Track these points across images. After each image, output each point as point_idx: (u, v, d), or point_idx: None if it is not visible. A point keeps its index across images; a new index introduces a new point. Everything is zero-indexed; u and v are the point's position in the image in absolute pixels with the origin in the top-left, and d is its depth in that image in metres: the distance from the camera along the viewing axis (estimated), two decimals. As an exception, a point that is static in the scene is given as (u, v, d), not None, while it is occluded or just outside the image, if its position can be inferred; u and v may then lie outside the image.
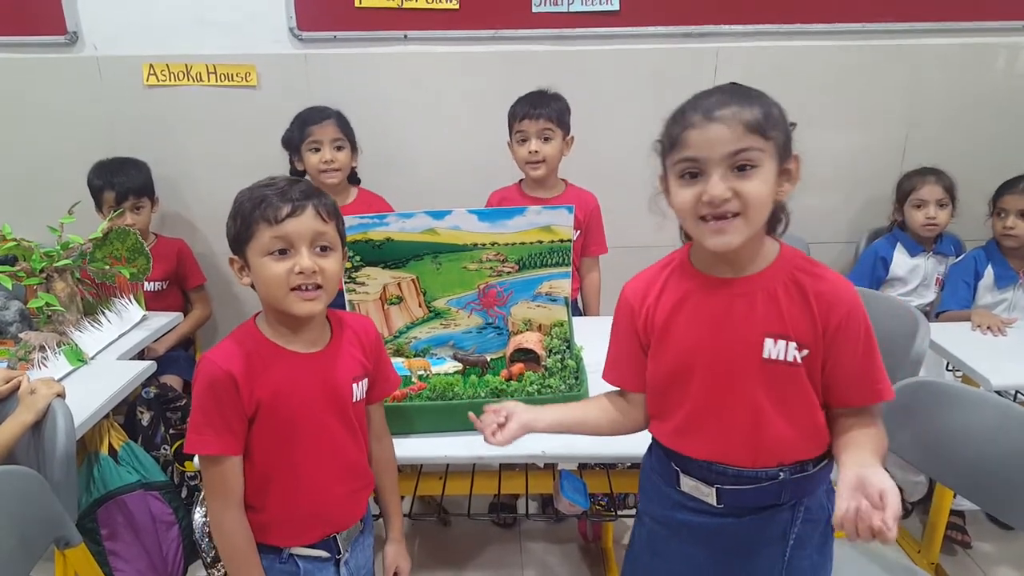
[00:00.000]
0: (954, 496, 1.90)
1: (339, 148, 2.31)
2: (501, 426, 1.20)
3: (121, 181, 2.41)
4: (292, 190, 1.16)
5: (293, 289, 1.15)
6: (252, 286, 1.20)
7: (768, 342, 1.05)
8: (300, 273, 1.14)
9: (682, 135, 1.00)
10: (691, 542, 1.18)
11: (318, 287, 1.16)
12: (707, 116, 0.98)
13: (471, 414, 1.26)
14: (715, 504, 1.13)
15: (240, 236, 1.17)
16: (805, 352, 1.05)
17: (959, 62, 2.62)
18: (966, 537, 2.20)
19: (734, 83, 1.04)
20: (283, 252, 1.15)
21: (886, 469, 2.20)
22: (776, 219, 1.10)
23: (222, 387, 1.15)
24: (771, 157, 0.99)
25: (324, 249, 1.18)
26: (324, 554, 1.28)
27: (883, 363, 1.09)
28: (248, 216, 1.15)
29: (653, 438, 1.23)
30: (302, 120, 2.31)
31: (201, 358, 1.19)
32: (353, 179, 2.46)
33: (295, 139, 2.32)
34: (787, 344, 1.05)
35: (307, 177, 2.35)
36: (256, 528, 1.23)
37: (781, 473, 1.10)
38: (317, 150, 2.29)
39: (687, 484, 1.16)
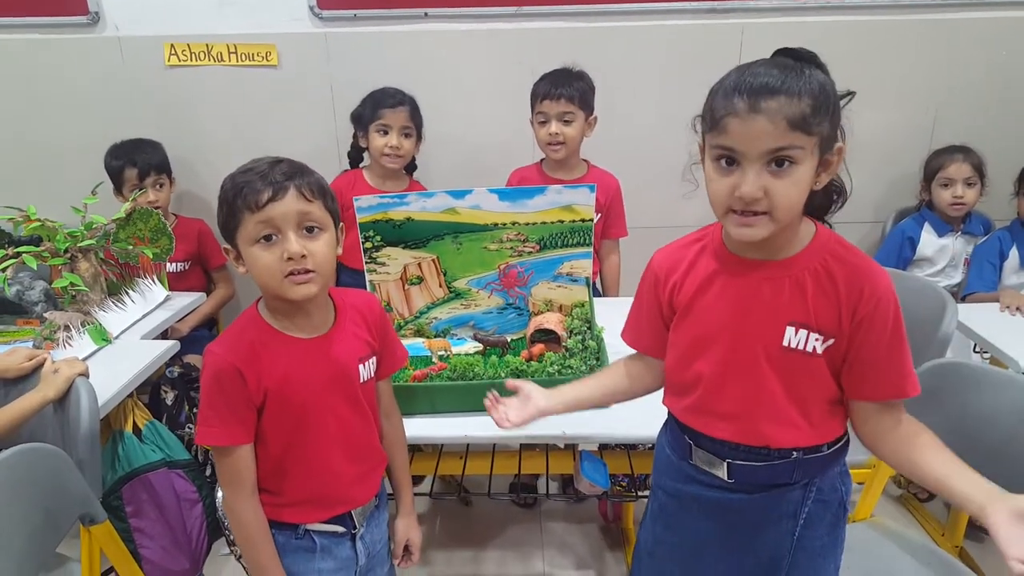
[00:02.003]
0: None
1: (407, 135, 2.29)
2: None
3: (142, 159, 2.43)
4: (273, 172, 1.11)
5: (287, 276, 1.12)
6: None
7: (789, 330, 1.04)
8: (290, 259, 1.11)
9: (723, 121, 0.96)
10: (701, 516, 1.18)
11: (310, 271, 1.13)
12: (752, 107, 0.93)
13: (490, 394, 1.27)
14: (726, 479, 1.13)
15: (228, 225, 1.14)
16: (830, 342, 1.03)
17: (994, 37, 2.55)
18: None
19: (787, 51, 0.99)
20: (268, 238, 1.11)
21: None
22: (830, 200, 1.09)
23: (227, 379, 1.14)
24: (812, 153, 0.96)
25: (311, 230, 1.14)
26: (340, 529, 1.29)
27: (911, 354, 1.05)
28: (232, 204, 1.11)
29: (668, 411, 1.23)
30: (376, 100, 2.29)
31: (206, 350, 1.17)
32: (410, 167, 2.45)
33: (365, 117, 2.30)
34: (808, 334, 1.03)
35: (367, 155, 2.37)
36: (272, 508, 1.23)
37: (794, 452, 1.09)
38: (385, 133, 2.27)
39: (699, 457, 1.16)
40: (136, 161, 2.42)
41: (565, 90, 2.13)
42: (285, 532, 1.25)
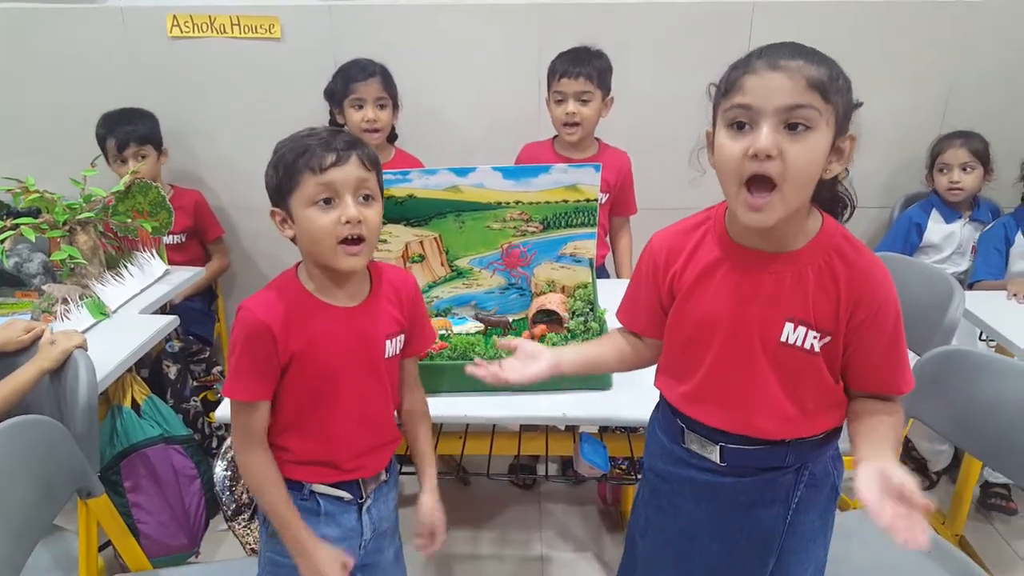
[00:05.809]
0: (982, 468, 1.87)
1: (382, 107, 2.26)
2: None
3: (124, 130, 2.39)
4: (336, 140, 1.15)
5: (341, 242, 1.15)
6: (293, 240, 1.20)
7: (788, 326, 1.03)
8: (347, 223, 1.14)
9: (740, 79, 0.95)
10: (693, 499, 1.18)
11: (361, 239, 1.16)
12: (771, 65, 0.93)
13: (474, 366, 1.25)
14: (718, 462, 1.13)
15: (283, 186, 1.16)
16: (827, 339, 1.03)
17: (1007, 19, 2.49)
18: (1011, 504, 2.21)
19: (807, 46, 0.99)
20: (328, 201, 1.14)
21: (909, 439, 2.16)
22: (842, 205, 1.08)
23: (257, 337, 1.16)
24: (828, 124, 0.94)
25: (367, 199, 1.17)
26: (346, 496, 1.29)
27: (907, 353, 1.08)
28: (292, 165, 1.14)
29: (661, 395, 1.22)
30: (346, 75, 2.24)
31: (240, 307, 1.20)
32: (391, 137, 2.41)
33: (338, 93, 2.26)
34: (807, 332, 1.03)
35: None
36: (280, 464, 1.25)
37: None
38: (360, 107, 2.24)
39: (691, 440, 1.16)
40: (116, 133, 2.38)
41: (584, 68, 2.08)
42: (291, 491, 1.26)
